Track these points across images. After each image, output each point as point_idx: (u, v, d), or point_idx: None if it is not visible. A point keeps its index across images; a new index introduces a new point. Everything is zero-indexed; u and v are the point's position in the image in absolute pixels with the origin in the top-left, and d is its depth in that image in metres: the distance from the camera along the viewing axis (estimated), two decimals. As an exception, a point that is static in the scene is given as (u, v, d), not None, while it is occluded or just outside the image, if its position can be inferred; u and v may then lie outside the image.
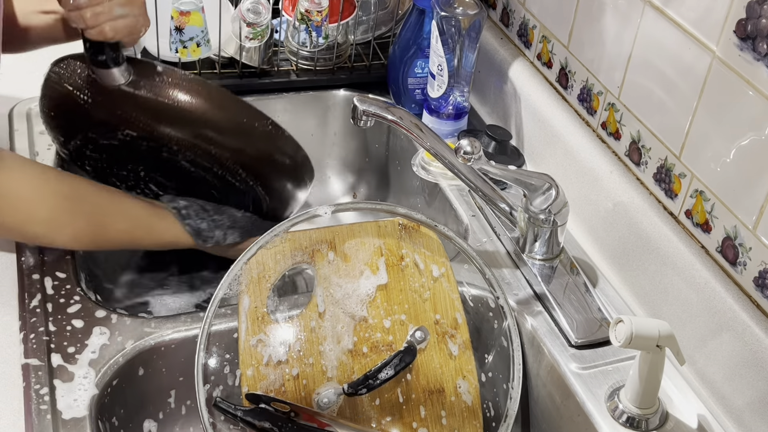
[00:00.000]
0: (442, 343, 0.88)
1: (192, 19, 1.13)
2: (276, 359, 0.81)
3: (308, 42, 1.24)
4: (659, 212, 0.91)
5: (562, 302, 0.92)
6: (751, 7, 0.76)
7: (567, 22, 1.07)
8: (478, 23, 1.10)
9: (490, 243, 1.03)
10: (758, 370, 0.77)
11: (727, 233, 0.83)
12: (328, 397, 0.81)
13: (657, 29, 0.89)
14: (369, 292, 0.86)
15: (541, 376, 0.90)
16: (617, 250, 0.97)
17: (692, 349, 0.86)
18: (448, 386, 0.87)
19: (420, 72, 1.23)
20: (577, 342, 0.88)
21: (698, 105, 0.85)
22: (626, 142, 0.98)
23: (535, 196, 0.92)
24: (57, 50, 0.98)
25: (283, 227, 0.85)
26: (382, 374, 0.82)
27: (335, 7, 1.23)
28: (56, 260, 0.92)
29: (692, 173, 0.87)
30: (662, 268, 0.89)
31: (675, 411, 0.82)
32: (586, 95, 1.05)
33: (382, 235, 0.89)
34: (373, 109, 0.91)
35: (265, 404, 0.77)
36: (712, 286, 0.82)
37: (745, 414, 0.80)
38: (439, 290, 0.89)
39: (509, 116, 1.19)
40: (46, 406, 0.77)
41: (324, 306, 0.84)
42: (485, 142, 1.13)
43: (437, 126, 1.18)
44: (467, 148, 0.86)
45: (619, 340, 0.74)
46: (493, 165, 0.89)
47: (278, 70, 1.26)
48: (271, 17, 1.20)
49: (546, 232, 0.95)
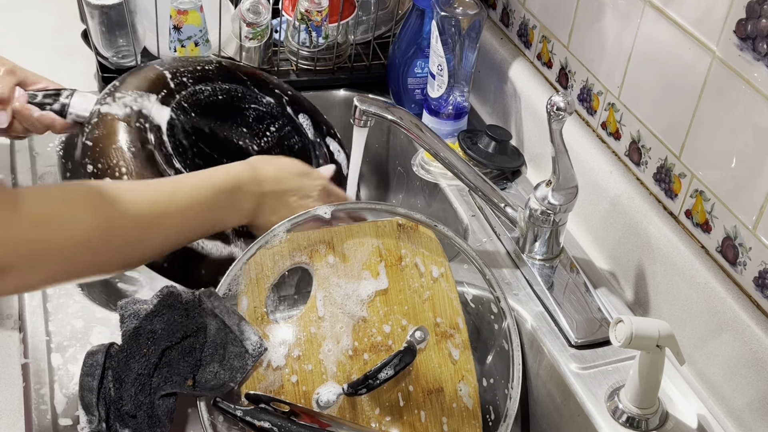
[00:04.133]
0: (441, 344, 0.88)
1: (190, 18, 1.13)
2: (276, 358, 0.81)
3: (308, 42, 1.24)
4: (659, 212, 0.91)
5: (562, 302, 0.92)
6: (751, 7, 0.76)
7: (567, 22, 1.07)
8: (478, 23, 1.10)
9: (490, 243, 1.03)
10: (758, 370, 0.77)
11: (727, 233, 0.83)
12: (327, 397, 0.81)
13: (657, 29, 0.89)
14: (369, 294, 0.86)
15: (541, 376, 0.90)
16: (617, 250, 0.97)
17: (692, 349, 0.86)
18: (447, 386, 0.87)
19: (420, 72, 1.23)
20: (577, 342, 0.88)
21: (698, 105, 0.85)
22: (626, 142, 0.98)
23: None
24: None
25: (282, 227, 0.85)
26: (381, 374, 0.81)
27: (335, 7, 1.23)
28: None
29: (692, 173, 0.87)
30: (662, 268, 0.89)
31: (675, 411, 0.82)
32: (586, 95, 1.05)
33: (381, 235, 0.89)
34: (373, 109, 0.91)
35: (264, 404, 0.77)
36: (712, 286, 0.82)
37: (745, 414, 0.80)
38: (439, 290, 0.89)
39: (509, 116, 1.19)
40: (46, 406, 0.77)
41: (323, 306, 0.84)
42: (485, 142, 1.13)
43: (437, 126, 1.18)
44: (560, 104, 0.85)
45: (619, 340, 0.74)
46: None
47: (278, 70, 1.26)
48: (271, 17, 1.20)
49: (546, 232, 0.95)
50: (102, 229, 0.71)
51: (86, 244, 0.70)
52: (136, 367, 0.76)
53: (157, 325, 0.77)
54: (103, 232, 0.71)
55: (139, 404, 0.75)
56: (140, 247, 0.76)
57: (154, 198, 0.77)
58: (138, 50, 1.16)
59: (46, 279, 0.70)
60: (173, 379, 0.76)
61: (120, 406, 0.75)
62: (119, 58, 1.17)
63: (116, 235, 0.73)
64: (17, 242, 0.65)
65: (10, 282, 0.66)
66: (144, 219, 0.75)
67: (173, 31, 1.14)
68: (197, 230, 0.82)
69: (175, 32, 1.14)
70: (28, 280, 0.67)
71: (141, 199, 0.76)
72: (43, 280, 0.69)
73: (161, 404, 0.76)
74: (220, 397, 0.77)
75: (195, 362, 0.78)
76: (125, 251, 0.75)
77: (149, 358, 0.76)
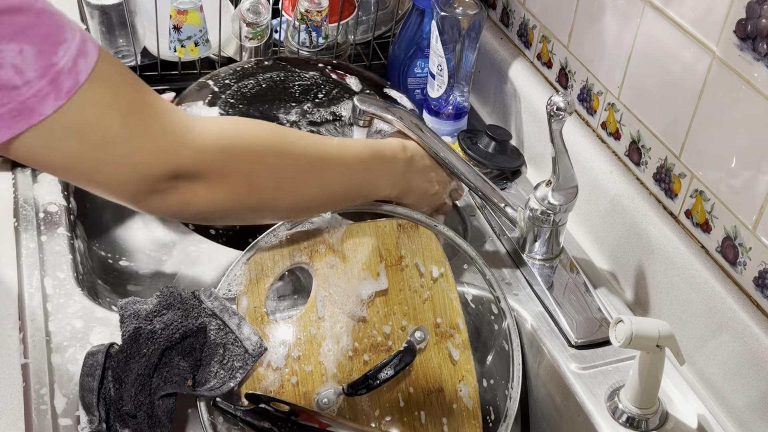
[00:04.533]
0: (441, 344, 0.88)
1: (190, 17, 1.13)
2: (276, 359, 0.81)
3: (308, 42, 1.24)
4: (659, 212, 0.91)
5: (562, 302, 0.92)
6: (751, 7, 0.76)
7: (567, 22, 1.07)
8: (478, 23, 1.10)
9: (490, 243, 1.03)
10: (758, 370, 0.77)
11: (727, 233, 0.83)
12: (327, 397, 0.81)
13: (657, 29, 0.89)
14: (369, 294, 0.86)
15: (541, 376, 0.90)
16: (617, 250, 0.97)
17: (692, 349, 0.86)
18: (447, 386, 0.87)
19: (420, 72, 1.23)
20: (577, 342, 0.88)
21: (698, 105, 0.85)
22: (626, 142, 0.98)
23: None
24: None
25: (282, 227, 0.85)
26: (381, 374, 0.81)
27: (335, 7, 1.23)
28: (56, 260, 0.92)
29: (692, 173, 0.87)
30: (662, 268, 0.89)
31: (675, 411, 0.82)
32: (586, 95, 1.05)
33: (381, 236, 0.88)
34: (373, 109, 0.91)
35: (264, 404, 0.77)
36: (712, 286, 0.82)
37: (745, 414, 0.80)
38: (439, 291, 0.89)
39: (509, 116, 1.19)
40: (46, 406, 0.77)
41: (323, 306, 0.84)
42: (485, 142, 1.13)
43: (437, 126, 1.18)
44: (561, 104, 0.86)
45: (619, 340, 0.74)
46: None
47: (278, 70, 1.26)
48: (271, 17, 1.20)
49: (546, 232, 0.95)
50: (276, 149, 0.75)
51: (262, 160, 0.73)
52: (136, 368, 0.76)
53: (157, 325, 0.77)
54: (277, 152, 0.75)
55: (139, 404, 0.75)
56: (307, 184, 0.79)
57: (322, 142, 0.81)
58: (138, 50, 1.16)
59: (230, 196, 0.72)
60: (173, 379, 0.76)
61: (120, 406, 0.75)
62: (119, 58, 1.17)
63: (287, 164, 0.76)
64: (202, 149, 0.68)
65: (201, 194, 0.69)
66: (313, 155, 0.78)
67: (173, 31, 1.14)
68: (356, 189, 0.84)
69: (175, 32, 1.14)
70: (216, 194, 0.70)
71: (311, 139, 0.80)
72: (228, 197, 0.72)
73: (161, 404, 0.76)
74: (220, 397, 0.77)
75: (195, 362, 0.78)
76: (293, 183, 0.77)
77: (149, 358, 0.76)
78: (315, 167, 0.78)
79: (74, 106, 0.60)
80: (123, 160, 0.64)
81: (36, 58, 0.57)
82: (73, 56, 0.59)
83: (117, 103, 0.63)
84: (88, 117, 0.61)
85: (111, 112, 0.63)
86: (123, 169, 0.65)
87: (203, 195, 0.69)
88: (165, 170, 0.66)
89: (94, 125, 0.62)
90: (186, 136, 0.67)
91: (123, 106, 0.63)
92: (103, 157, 0.64)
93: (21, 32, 0.56)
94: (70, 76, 0.59)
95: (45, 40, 0.58)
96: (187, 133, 0.68)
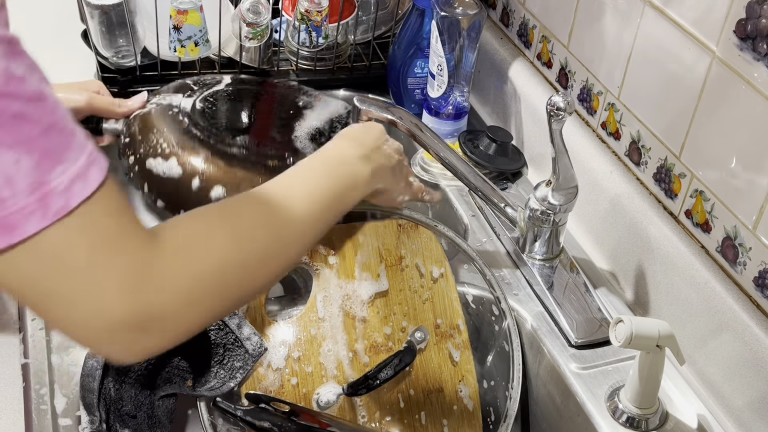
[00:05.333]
0: (441, 344, 0.88)
1: (190, 17, 1.13)
2: (276, 360, 0.81)
3: (308, 42, 1.24)
4: (659, 212, 0.91)
5: (562, 302, 0.92)
6: (751, 7, 0.76)
7: (567, 22, 1.07)
8: (478, 23, 1.10)
9: (490, 243, 1.03)
10: (758, 370, 0.77)
11: (727, 233, 0.83)
12: (327, 397, 0.81)
13: (657, 29, 0.89)
14: (369, 294, 0.86)
15: (541, 376, 0.90)
16: (617, 250, 0.97)
17: (692, 349, 0.86)
18: (447, 386, 0.87)
19: (420, 72, 1.23)
20: (577, 342, 0.88)
21: (698, 105, 0.85)
22: (626, 142, 0.98)
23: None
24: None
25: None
26: (381, 374, 0.82)
27: (335, 7, 1.23)
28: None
29: (692, 173, 0.87)
30: (662, 268, 0.89)
31: (675, 411, 0.82)
32: (586, 95, 1.05)
33: (381, 236, 0.89)
34: (373, 109, 0.91)
35: (264, 404, 0.77)
36: (712, 286, 0.82)
37: (745, 414, 0.80)
38: (439, 291, 0.89)
39: (509, 116, 1.19)
40: (46, 406, 0.77)
41: (323, 307, 0.84)
42: (486, 144, 1.13)
43: (437, 126, 1.18)
44: (560, 104, 0.85)
45: (619, 340, 0.74)
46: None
47: (278, 70, 1.26)
48: (271, 17, 1.20)
49: (546, 232, 0.95)
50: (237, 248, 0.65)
51: (226, 272, 0.63)
52: (136, 368, 0.76)
53: (157, 325, 0.77)
54: (239, 249, 0.65)
55: (140, 404, 0.75)
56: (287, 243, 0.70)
57: (276, 192, 0.72)
58: (138, 50, 1.16)
59: (204, 314, 0.62)
60: (173, 379, 0.76)
61: (120, 406, 0.75)
62: (119, 58, 1.17)
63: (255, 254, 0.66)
64: (163, 283, 0.58)
65: (171, 329, 0.59)
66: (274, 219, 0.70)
67: (173, 31, 1.14)
68: (331, 213, 0.77)
69: (174, 32, 1.14)
70: (190, 321, 0.61)
71: (267, 199, 0.71)
72: (202, 316, 0.62)
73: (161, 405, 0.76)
74: (220, 397, 0.77)
75: (195, 363, 0.78)
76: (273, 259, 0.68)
77: (149, 358, 0.76)
78: (282, 224, 0.71)
79: (55, 230, 0.53)
80: (82, 297, 0.55)
81: (30, 172, 0.51)
82: (71, 177, 0.53)
83: (91, 236, 0.55)
84: (60, 244, 0.54)
85: (82, 242, 0.54)
86: (80, 308, 0.55)
87: (174, 330, 0.60)
88: (127, 319, 0.56)
89: (62, 254, 0.54)
90: (148, 280, 0.57)
91: (95, 240, 0.55)
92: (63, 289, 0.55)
93: (23, 142, 0.51)
94: (61, 197, 0.53)
95: (45, 155, 0.52)
96: (151, 274, 0.58)
